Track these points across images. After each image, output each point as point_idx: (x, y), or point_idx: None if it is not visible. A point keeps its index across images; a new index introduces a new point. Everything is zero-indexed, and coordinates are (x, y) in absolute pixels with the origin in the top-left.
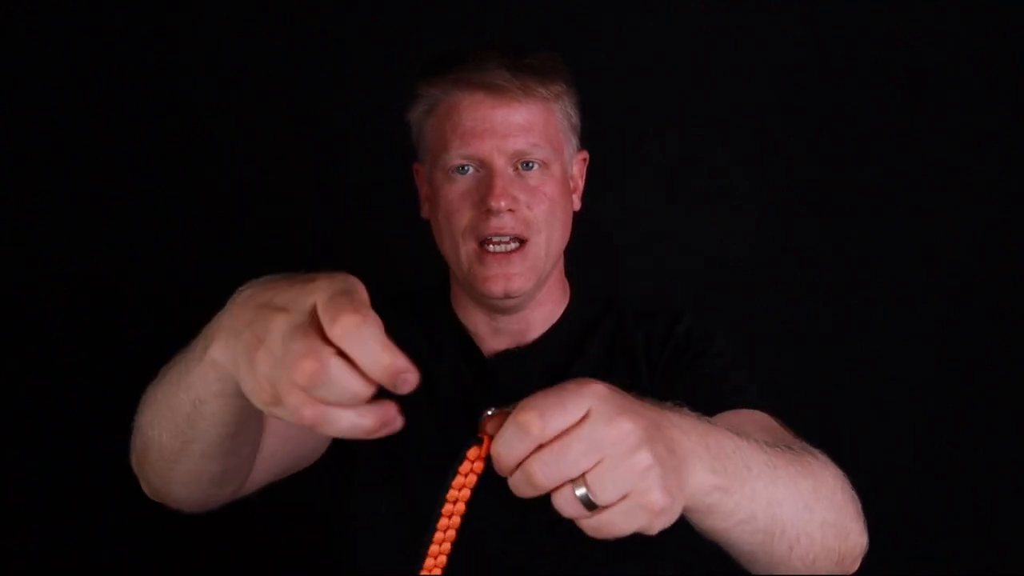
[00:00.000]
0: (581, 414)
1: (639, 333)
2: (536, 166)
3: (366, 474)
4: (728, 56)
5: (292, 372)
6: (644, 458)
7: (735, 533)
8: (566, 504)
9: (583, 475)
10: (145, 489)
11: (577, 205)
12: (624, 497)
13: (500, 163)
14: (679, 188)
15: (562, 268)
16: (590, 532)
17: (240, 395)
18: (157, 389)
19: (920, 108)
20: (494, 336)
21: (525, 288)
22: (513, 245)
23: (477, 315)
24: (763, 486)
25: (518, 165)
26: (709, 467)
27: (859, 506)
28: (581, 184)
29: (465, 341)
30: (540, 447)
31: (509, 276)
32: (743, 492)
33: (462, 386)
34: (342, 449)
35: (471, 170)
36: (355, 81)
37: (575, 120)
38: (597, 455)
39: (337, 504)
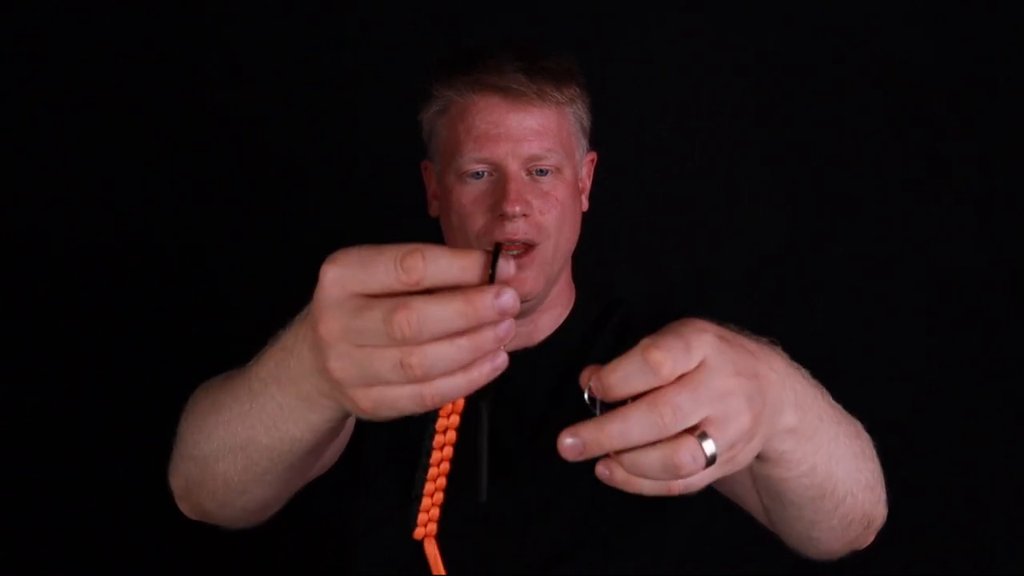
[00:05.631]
0: (699, 361)
1: (645, 332)
2: (549, 172)
3: (375, 473)
4: (734, 56)
5: (390, 329)
6: (747, 420)
7: (794, 485)
8: (688, 455)
9: (701, 427)
10: (187, 510)
11: (585, 206)
12: (730, 449)
13: (514, 168)
14: (685, 188)
15: (569, 271)
16: (675, 490)
17: (328, 428)
18: (218, 424)
19: (919, 108)
20: None
21: (535, 291)
22: (521, 251)
23: None
24: (828, 440)
25: (532, 170)
26: (793, 411)
27: (883, 479)
28: (589, 184)
29: None
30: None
31: (520, 280)
32: (812, 442)
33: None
34: (351, 455)
35: (485, 175)
36: (359, 79)
37: (586, 123)
38: (716, 407)
39: (340, 508)
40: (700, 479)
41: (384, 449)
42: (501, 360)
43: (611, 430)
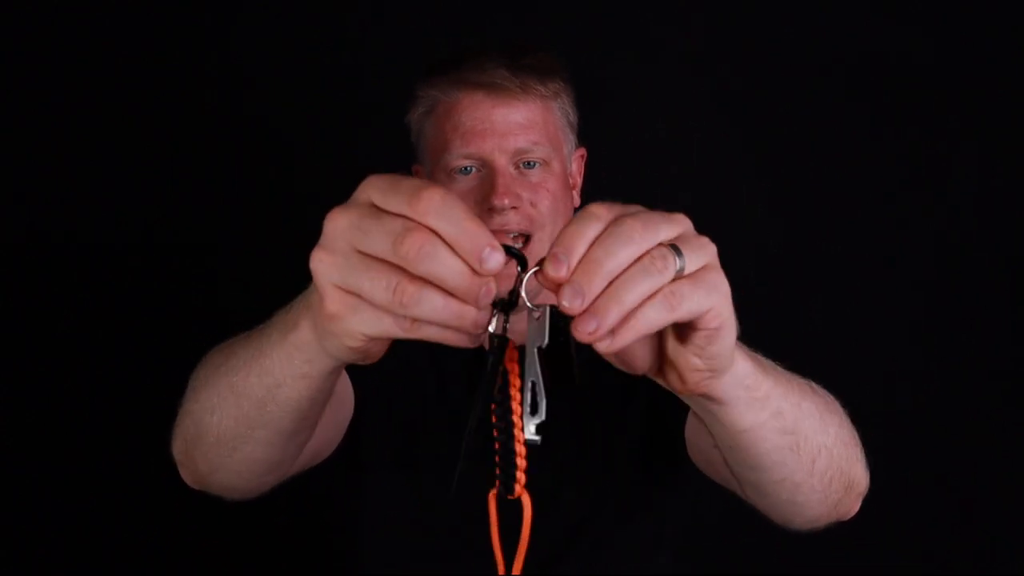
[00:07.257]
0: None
1: None
2: (537, 164)
3: (377, 468)
4: (733, 56)
5: (399, 242)
6: (714, 249)
7: (766, 431)
8: (660, 259)
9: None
10: (187, 476)
11: (577, 201)
12: (703, 268)
13: (502, 162)
14: (683, 188)
15: None
16: (665, 310)
17: (323, 377)
18: (219, 376)
19: (918, 108)
20: None
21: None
22: (519, 244)
23: None
24: (784, 382)
25: (519, 163)
26: (743, 354)
27: (859, 441)
28: (580, 181)
29: None
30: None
31: (514, 272)
32: (770, 378)
33: (471, 384)
34: (351, 444)
35: (473, 170)
36: (359, 79)
37: (573, 117)
38: (684, 226)
39: (341, 500)
40: (690, 296)
41: (388, 426)
42: (470, 342)
43: (595, 254)
